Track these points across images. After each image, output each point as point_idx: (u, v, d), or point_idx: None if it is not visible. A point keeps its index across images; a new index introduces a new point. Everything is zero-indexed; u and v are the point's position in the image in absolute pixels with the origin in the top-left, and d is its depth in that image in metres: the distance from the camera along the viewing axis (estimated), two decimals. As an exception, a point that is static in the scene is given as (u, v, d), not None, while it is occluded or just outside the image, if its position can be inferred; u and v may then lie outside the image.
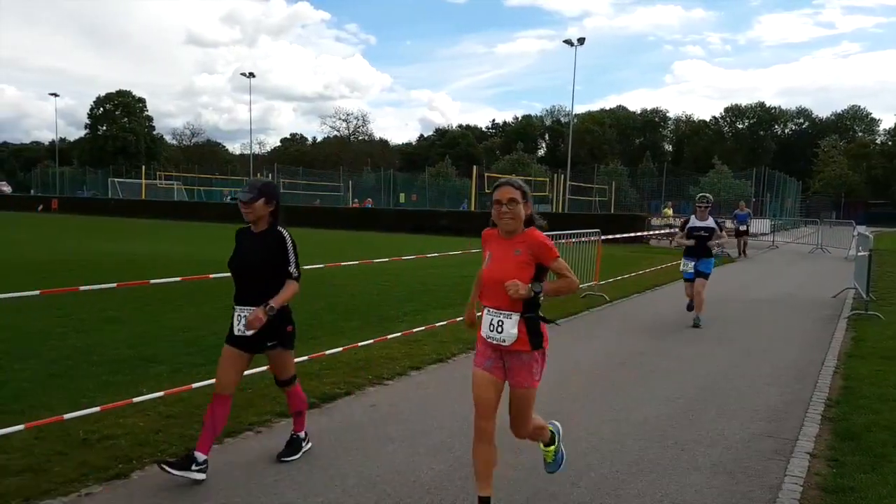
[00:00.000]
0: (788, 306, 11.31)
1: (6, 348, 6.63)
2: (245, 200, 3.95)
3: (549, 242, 3.39)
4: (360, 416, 5.09)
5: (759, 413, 5.34)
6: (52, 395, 5.21)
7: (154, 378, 5.76)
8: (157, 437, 4.42)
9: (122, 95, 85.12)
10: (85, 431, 4.43)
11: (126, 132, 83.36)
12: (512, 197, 3.35)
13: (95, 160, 78.11)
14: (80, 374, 5.82)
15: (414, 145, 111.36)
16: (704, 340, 8.24)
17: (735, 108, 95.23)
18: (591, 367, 6.83)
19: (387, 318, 8.96)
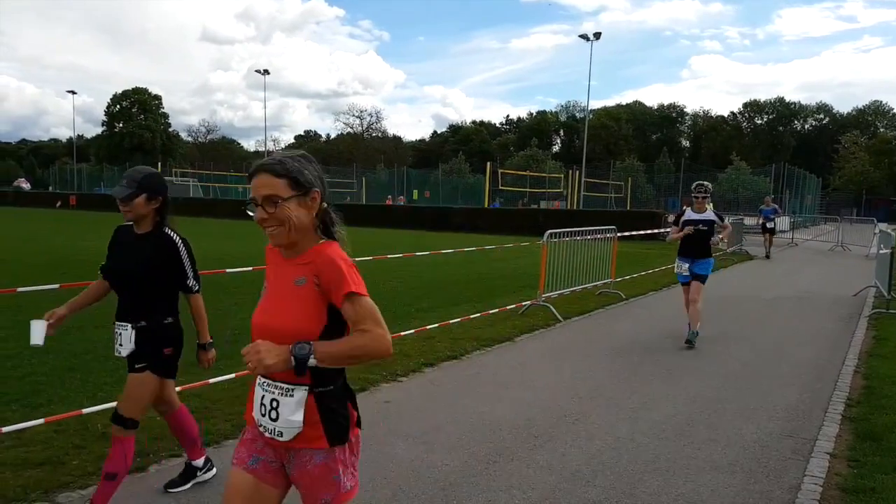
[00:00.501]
0: (808, 305, 11.18)
1: (26, 342, 6.69)
2: (122, 197, 3.18)
3: (344, 266, 2.02)
4: (374, 413, 5.09)
5: (778, 412, 5.28)
6: (71, 388, 5.27)
7: (171, 373, 5.80)
8: (173, 432, 4.44)
9: (139, 93, 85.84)
10: (103, 425, 4.46)
11: (142, 129, 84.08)
12: (270, 194, 1.98)
13: (112, 157, 78.93)
14: (98, 368, 5.87)
15: (427, 142, 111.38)
16: (722, 339, 8.16)
17: (754, 103, 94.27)
18: (607, 366, 6.79)
19: (401, 315, 8.96)
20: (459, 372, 6.39)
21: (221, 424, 4.65)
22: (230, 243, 20.00)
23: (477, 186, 56.62)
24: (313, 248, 2.08)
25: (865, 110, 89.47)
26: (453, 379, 6.12)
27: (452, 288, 11.56)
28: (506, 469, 4.09)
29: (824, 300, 11.67)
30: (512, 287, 11.81)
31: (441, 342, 7.40)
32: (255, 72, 62.76)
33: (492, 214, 30.98)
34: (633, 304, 10.80)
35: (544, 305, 9.21)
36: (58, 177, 77.89)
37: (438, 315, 8.94)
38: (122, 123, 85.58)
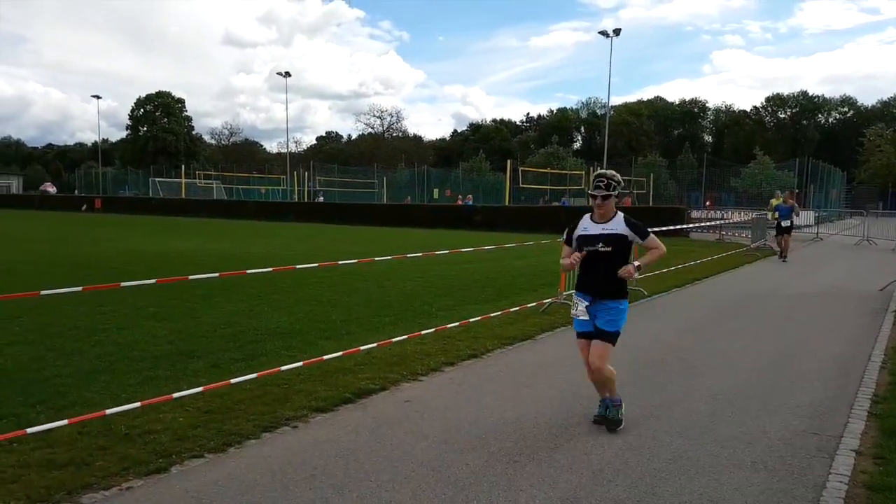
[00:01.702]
0: (833, 300, 11.01)
1: (51, 344, 6.82)
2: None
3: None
4: (395, 412, 5.10)
5: (803, 409, 5.20)
6: (95, 390, 5.34)
7: (193, 374, 5.86)
8: (196, 433, 4.49)
9: (162, 96, 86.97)
10: (126, 426, 4.52)
11: (166, 133, 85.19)
12: None
13: (136, 160, 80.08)
14: (121, 370, 5.95)
15: (448, 141, 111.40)
16: (746, 335, 8.06)
17: (777, 97, 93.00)
18: (630, 363, 6.72)
19: (421, 314, 8.97)
20: (480, 371, 6.38)
21: (244, 424, 4.68)
22: (256, 242, 20.24)
23: (498, 184, 56.53)
24: None
25: (890, 102, 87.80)
26: (474, 378, 6.11)
27: (472, 287, 11.56)
28: (526, 468, 4.07)
29: (850, 295, 11.48)
30: (533, 285, 11.77)
31: (461, 341, 7.40)
32: (277, 74, 63.30)
33: (512, 212, 30.91)
34: (655, 300, 10.71)
35: (565, 304, 9.15)
36: (83, 181, 79.11)
37: (458, 314, 8.93)
38: (147, 127, 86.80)
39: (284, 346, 6.93)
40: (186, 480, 3.83)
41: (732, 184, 54.86)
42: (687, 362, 6.74)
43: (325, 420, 4.92)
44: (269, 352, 6.70)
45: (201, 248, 18.80)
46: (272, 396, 5.29)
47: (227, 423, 4.68)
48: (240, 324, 8.06)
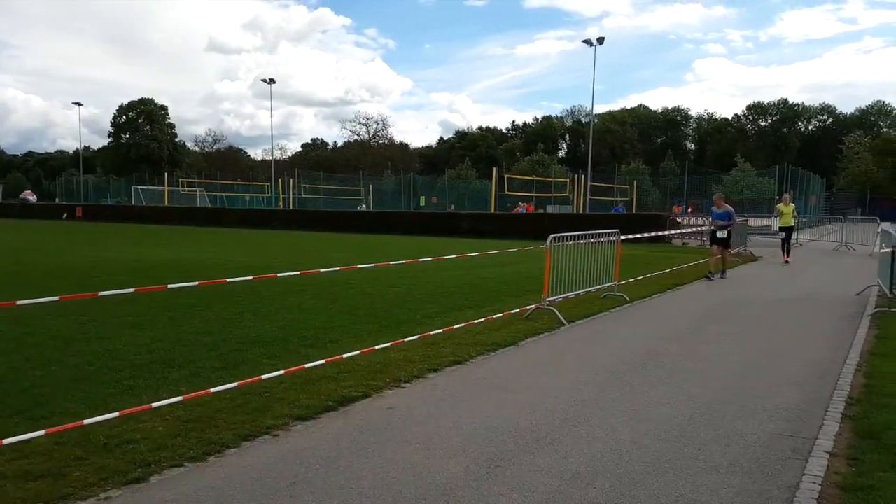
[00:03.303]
0: (811, 305, 11.16)
1: (29, 354, 6.76)
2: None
3: None
4: (378, 419, 5.11)
5: (779, 412, 5.28)
6: (74, 400, 5.29)
7: (173, 383, 5.83)
8: (175, 442, 4.47)
9: (145, 103, 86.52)
10: (105, 436, 4.50)
11: (149, 140, 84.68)
12: None
13: (119, 168, 79.52)
14: (101, 379, 5.90)
15: (434, 148, 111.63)
16: (726, 340, 8.15)
17: (757, 105, 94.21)
18: (611, 368, 6.79)
19: (405, 321, 8.98)
20: (463, 377, 6.41)
21: (224, 433, 4.67)
22: (239, 250, 20.13)
23: (484, 192, 56.69)
24: None
25: (868, 111, 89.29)
26: (457, 384, 6.13)
27: (456, 293, 11.59)
28: (507, 473, 4.10)
29: (828, 300, 11.65)
30: (517, 291, 11.82)
31: (445, 347, 7.42)
32: (262, 81, 63.18)
33: (499, 219, 31.02)
34: (637, 306, 10.80)
35: (549, 309, 9.22)
36: (64, 188, 78.37)
37: (442, 321, 8.96)
38: (129, 134, 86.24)
39: (266, 355, 6.91)
40: (166, 490, 3.82)
41: (714, 190, 55.41)
42: (667, 367, 6.80)
43: (306, 428, 4.91)
44: (251, 360, 6.68)
45: (183, 256, 18.69)
46: (253, 405, 5.27)
47: (208, 432, 4.67)
48: (221, 332, 8.03)
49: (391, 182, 65.51)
